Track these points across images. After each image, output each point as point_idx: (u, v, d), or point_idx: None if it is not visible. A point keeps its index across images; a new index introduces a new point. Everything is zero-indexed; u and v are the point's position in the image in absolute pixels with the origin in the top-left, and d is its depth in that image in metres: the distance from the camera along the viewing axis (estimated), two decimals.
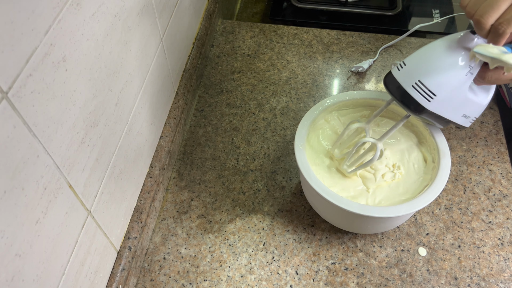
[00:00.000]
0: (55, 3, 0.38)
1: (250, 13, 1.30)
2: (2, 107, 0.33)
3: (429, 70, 0.53)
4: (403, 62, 0.56)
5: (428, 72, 0.53)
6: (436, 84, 0.53)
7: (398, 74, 0.55)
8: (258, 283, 0.64)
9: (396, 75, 0.56)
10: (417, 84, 0.53)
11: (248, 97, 0.87)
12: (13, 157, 0.35)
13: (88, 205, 0.50)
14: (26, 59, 0.35)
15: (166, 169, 0.73)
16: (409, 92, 0.54)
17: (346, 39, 0.98)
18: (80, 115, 0.45)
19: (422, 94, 0.54)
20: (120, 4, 0.51)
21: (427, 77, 0.53)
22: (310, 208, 0.71)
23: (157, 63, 0.67)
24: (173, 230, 0.70)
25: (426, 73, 0.53)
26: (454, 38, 0.53)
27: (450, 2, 1.19)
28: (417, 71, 0.54)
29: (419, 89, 0.54)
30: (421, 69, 0.54)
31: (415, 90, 0.54)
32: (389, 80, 0.57)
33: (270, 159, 0.78)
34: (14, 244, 0.37)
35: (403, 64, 0.56)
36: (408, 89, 0.54)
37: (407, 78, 0.55)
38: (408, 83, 0.54)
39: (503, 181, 0.74)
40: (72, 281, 0.48)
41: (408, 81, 0.54)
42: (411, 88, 0.54)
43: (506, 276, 0.64)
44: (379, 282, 0.64)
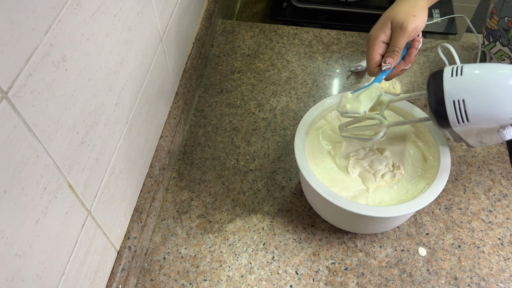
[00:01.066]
0: (55, 3, 0.38)
1: (250, 13, 1.30)
2: (2, 107, 0.33)
3: (480, 96, 0.48)
4: (461, 69, 0.49)
5: (477, 98, 0.48)
6: (477, 114, 0.48)
7: (448, 79, 0.49)
8: (258, 283, 0.64)
9: (446, 80, 0.49)
10: (459, 102, 0.48)
11: (248, 97, 0.87)
12: (13, 157, 0.35)
13: (88, 205, 0.50)
14: (26, 59, 0.35)
15: (166, 169, 0.73)
16: (446, 104, 0.49)
17: (346, 39, 0.98)
18: (80, 115, 0.45)
19: (457, 114, 0.49)
20: (120, 4, 0.51)
21: (474, 102, 0.48)
22: (310, 208, 0.71)
23: (157, 63, 0.67)
24: (173, 230, 0.70)
25: (475, 98, 0.48)
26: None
27: (450, 2, 1.19)
28: (468, 90, 0.48)
29: (457, 108, 0.49)
30: (473, 90, 0.48)
31: (452, 106, 0.49)
32: (436, 78, 0.51)
33: (270, 159, 0.78)
34: (14, 244, 0.37)
35: (459, 72, 0.49)
36: (447, 101, 0.49)
37: (453, 90, 0.49)
38: (450, 95, 0.49)
39: (503, 181, 0.74)
40: (72, 281, 0.48)
41: (453, 93, 0.49)
42: (450, 102, 0.49)
43: (506, 276, 0.64)
44: (379, 282, 0.64)
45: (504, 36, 0.78)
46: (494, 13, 0.79)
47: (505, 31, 0.77)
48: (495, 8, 0.78)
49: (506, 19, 0.76)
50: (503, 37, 0.78)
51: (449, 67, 0.50)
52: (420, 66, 0.92)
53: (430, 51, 0.95)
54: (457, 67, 0.49)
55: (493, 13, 0.79)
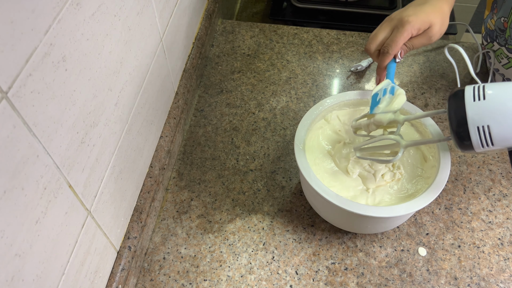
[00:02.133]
0: (55, 2, 0.38)
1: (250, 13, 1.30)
2: (2, 107, 0.33)
3: (505, 121, 0.46)
4: (484, 93, 0.47)
5: (503, 123, 0.46)
6: (503, 138, 0.46)
7: (471, 104, 0.47)
8: (258, 283, 0.64)
9: (468, 104, 0.47)
10: (483, 128, 0.47)
11: (248, 97, 0.87)
12: (13, 157, 0.35)
13: (88, 205, 0.50)
14: (26, 59, 0.35)
15: (166, 169, 0.73)
16: (470, 130, 0.47)
17: (346, 39, 0.98)
18: (80, 115, 0.45)
19: (481, 140, 0.47)
20: (120, 4, 0.51)
21: (499, 127, 0.46)
22: (310, 208, 0.71)
23: (157, 63, 0.67)
24: (173, 230, 0.70)
25: (501, 123, 0.46)
26: None
27: None
28: (492, 116, 0.46)
29: (482, 133, 0.47)
30: (498, 116, 0.46)
31: (477, 132, 0.47)
32: (457, 101, 0.49)
33: (270, 159, 0.78)
34: (14, 244, 0.37)
35: (482, 96, 0.47)
36: (471, 128, 0.47)
37: (477, 116, 0.47)
38: (475, 122, 0.47)
39: (503, 181, 0.74)
40: (72, 281, 0.48)
41: (477, 120, 0.47)
42: (474, 129, 0.47)
43: (506, 276, 0.64)
44: (379, 282, 0.64)
45: (501, 36, 0.78)
46: (495, 12, 0.79)
47: (501, 31, 0.77)
48: (496, 8, 0.78)
49: (502, 19, 0.76)
50: (499, 37, 0.78)
51: (470, 88, 0.48)
52: (420, 66, 0.92)
53: (430, 51, 0.95)
54: (478, 89, 0.47)
55: (494, 13, 0.79)
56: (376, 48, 0.67)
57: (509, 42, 0.76)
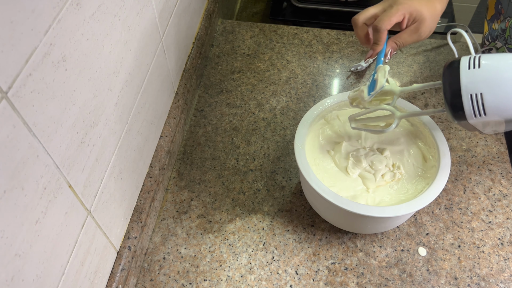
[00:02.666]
0: (55, 2, 0.38)
1: (250, 13, 1.30)
2: (2, 107, 0.33)
3: (499, 89, 0.46)
4: (479, 61, 0.47)
5: (496, 92, 0.46)
6: (495, 107, 0.46)
7: (466, 72, 0.47)
8: (258, 283, 0.64)
9: (463, 73, 0.47)
10: (476, 96, 0.46)
11: (248, 97, 0.87)
12: (12, 157, 0.35)
13: (88, 205, 0.50)
14: (25, 59, 0.35)
15: (166, 169, 0.73)
16: (463, 97, 0.47)
17: (346, 39, 0.98)
18: (80, 115, 0.45)
19: (474, 108, 0.47)
20: (120, 4, 0.51)
21: (492, 96, 0.46)
22: (310, 208, 0.71)
23: (157, 62, 0.67)
24: (173, 230, 0.70)
25: (494, 92, 0.46)
26: None
27: (450, 2, 1.19)
28: (486, 83, 0.46)
29: (474, 102, 0.47)
30: (491, 84, 0.46)
31: (469, 100, 0.47)
32: (452, 69, 0.48)
33: (270, 159, 0.78)
34: (14, 244, 0.37)
35: (477, 64, 0.47)
36: (464, 95, 0.47)
37: (470, 84, 0.47)
38: (468, 89, 0.47)
39: (503, 181, 0.74)
40: (72, 281, 0.48)
41: (471, 87, 0.47)
42: (467, 96, 0.47)
43: (506, 276, 0.64)
44: (379, 282, 0.64)
45: (501, 35, 0.78)
46: (502, 13, 0.78)
47: (502, 31, 0.77)
48: (502, 8, 0.78)
49: (508, 19, 0.76)
50: (500, 37, 0.78)
51: (466, 58, 0.48)
52: (420, 66, 0.92)
53: (430, 51, 0.95)
54: (474, 58, 0.47)
55: (500, 13, 0.79)
56: (363, 21, 0.63)
57: (509, 42, 0.76)
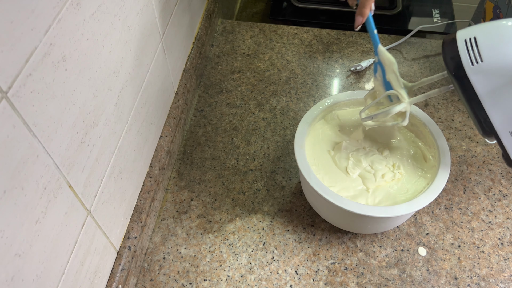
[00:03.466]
0: (55, 2, 0.38)
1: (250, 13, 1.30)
2: (2, 107, 0.33)
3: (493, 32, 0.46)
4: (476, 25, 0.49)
5: (490, 34, 0.46)
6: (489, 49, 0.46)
7: (461, 29, 0.49)
8: (258, 283, 0.64)
9: (459, 30, 0.49)
10: (470, 40, 0.47)
11: (248, 97, 0.87)
12: (12, 157, 0.35)
13: (88, 205, 0.50)
14: (25, 58, 0.35)
15: (166, 169, 0.73)
16: (458, 46, 0.48)
17: (346, 39, 0.98)
18: (80, 115, 0.45)
19: (469, 53, 0.47)
20: (120, 3, 0.51)
21: (485, 38, 0.46)
22: (310, 208, 0.71)
23: (157, 62, 0.67)
24: (173, 230, 0.70)
25: (487, 34, 0.46)
26: None
27: (450, 2, 1.19)
28: (480, 28, 0.47)
29: (469, 46, 0.47)
30: (485, 27, 0.47)
31: (465, 45, 0.47)
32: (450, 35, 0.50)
33: (270, 159, 0.78)
34: (13, 244, 0.37)
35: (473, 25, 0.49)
36: (459, 43, 0.48)
37: (465, 31, 0.48)
38: (463, 36, 0.48)
39: (503, 181, 0.74)
40: (72, 281, 0.48)
41: (465, 33, 0.48)
42: (463, 43, 0.47)
43: (506, 276, 0.64)
44: (379, 282, 0.64)
45: None
46: (500, 17, 0.78)
47: None
48: (501, 12, 0.78)
49: None
50: None
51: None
52: (420, 66, 0.92)
53: (430, 51, 0.95)
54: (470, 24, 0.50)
55: (499, 18, 0.79)
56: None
57: None
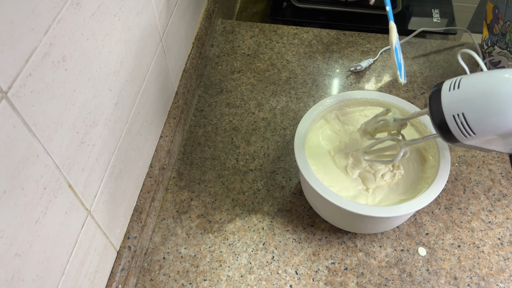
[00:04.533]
0: (55, 2, 0.38)
1: (250, 13, 1.30)
2: (2, 107, 0.33)
3: (479, 107, 0.45)
4: (459, 82, 0.47)
5: (477, 109, 0.45)
6: (481, 125, 0.46)
7: (447, 95, 0.48)
8: (258, 283, 0.64)
9: (444, 95, 0.48)
10: (458, 116, 0.46)
11: (248, 97, 0.87)
12: (12, 157, 0.35)
13: (88, 205, 0.50)
14: (25, 58, 0.35)
15: (165, 168, 0.73)
16: (447, 120, 0.47)
17: (346, 39, 0.98)
18: (79, 115, 0.45)
19: (460, 129, 0.47)
20: (120, 3, 0.51)
21: (474, 114, 0.46)
22: (310, 208, 0.71)
23: (157, 62, 0.67)
24: (173, 230, 0.70)
25: (475, 110, 0.45)
26: None
27: (450, 2, 1.19)
28: (465, 102, 0.46)
29: (459, 122, 0.47)
30: (471, 101, 0.46)
31: (454, 121, 0.47)
32: (435, 94, 0.49)
33: (270, 159, 0.78)
34: (13, 244, 0.37)
35: (457, 85, 0.47)
36: (447, 117, 0.47)
37: (452, 105, 0.47)
38: (449, 110, 0.47)
39: (503, 181, 0.74)
40: (72, 280, 0.48)
41: (452, 108, 0.47)
42: (451, 118, 0.47)
43: (505, 276, 0.64)
44: (379, 282, 0.64)
45: (501, 40, 0.78)
46: (499, 17, 0.78)
47: (503, 35, 0.77)
48: (499, 13, 0.78)
49: (508, 23, 0.76)
50: (500, 41, 0.78)
51: (449, 81, 0.49)
52: (419, 66, 0.92)
53: (430, 51, 0.95)
54: (455, 81, 0.48)
55: (498, 18, 0.79)
56: None
57: (510, 46, 0.76)
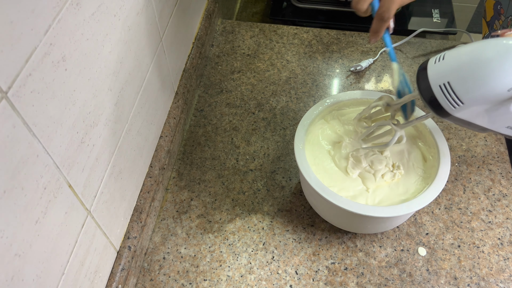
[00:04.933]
0: (55, 2, 0.38)
1: (250, 13, 1.30)
2: (2, 107, 0.33)
3: (464, 73, 0.45)
4: (444, 54, 0.48)
5: (462, 77, 0.45)
6: (467, 93, 0.46)
7: (432, 67, 0.48)
8: (258, 282, 0.64)
9: (430, 68, 0.48)
10: (444, 85, 0.46)
11: (248, 97, 0.87)
12: (12, 156, 0.35)
13: (88, 204, 0.50)
14: (25, 58, 0.35)
15: (165, 168, 0.73)
16: (434, 91, 0.47)
17: (345, 39, 0.98)
18: (79, 114, 0.45)
19: (448, 99, 0.47)
20: (120, 3, 0.51)
21: (459, 82, 0.46)
22: (309, 208, 0.71)
23: (157, 62, 0.67)
24: (173, 230, 0.70)
25: (459, 76, 0.46)
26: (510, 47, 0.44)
27: (450, 2, 1.20)
28: (450, 71, 0.46)
29: (445, 91, 0.47)
30: (456, 69, 0.46)
31: (441, 91, 0.47)
32: (421, 71, 0.49)
33: (269, 159, 0.78)
34: (13, 244, 0.37)
35: (442, 58, 0.48)
36: (434, 88, 0.47)
37: (437, 76, 0.47)
38: (435, 81, 0.47)
39: (503, 181, 0.74)
40: (72, 280, 0.48)
41: (437, 78, 0.47)
42: (438, 88, 0.47)
43: (505, 276, 0.64)
44: (379, 282, 0.64)
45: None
46: (501, 13, 0.79)
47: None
48: (502, 8, 0.78)
49: (510, 18, 0.76)
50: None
51: (434, 57, 0.49)
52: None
53: (430, 51, 0.95)
54: (440, 55, 0.48)
55: (500, 14, 0.79)
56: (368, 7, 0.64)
57: None
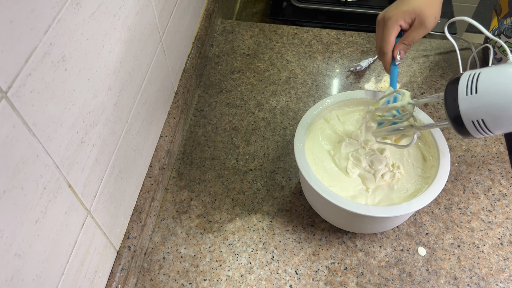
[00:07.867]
0: (55, 2, 0.38)
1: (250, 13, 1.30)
2: (2, 107, 0.33)
3: (499, 112, 0.45)
4: (476, 86, 0.46)
5: (496, 115, 0.45)
6: (499, 128, 0.46)
7: (463, 99, 0.47)
8: (258, 282, 0.64)
9: (461, 99, 0.47)
10: (478, 122, 0.46)
11: (248, 96, 0.87)
12: (12, 156, 0.35)
13: (88, 204, 0.50)
14: (25, 58, 0.35)
15: (165, 168, 0.73)
16: (465, 124, 0.47)
17: (345, 38, 0.98)
18: (79, 114, 0.45)
19: (478, 130, 0.47)
20: (120, 3, 0.51)
21: (494, 121, 0.46)
22: (309, 208, 0.71)
23: (157, 62, 0.67)
24: (173, 230, 0.70)
25: (494, 115, 0.45)
26: None
27: (450, 2, 1.19)
28: (485, 109, 0.46)
29: (477, 126, 0.47)
30: (490, 107, 0.45)
31: (472, 124, 0.47)
32: (451, 94, 0.48)
33: (269, 159, 0.78)
34: (13, 244, 0.37)
35: (474, 90, 0.46)
36: (465, 122, 0.47)
37: (470, 111, 0.46)
38: (468, 116, 0.47)
39: (503, 181, 0.74)
40: (72, 280, 0.48)
41: (471, 114, 0.47)
42: (469, 123, 0.47)
43: (505, 276, 0.64)
44: (379, 282, 0.64)
45: (509, 29, 0.78)
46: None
47: None
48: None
49: None
50: (508, 30, 0.79)
51: (465, 79, 0.47)
52: (419, 66, 0.92)
53: (429, 51, 0.95)
54: (472, 85, 0.46)
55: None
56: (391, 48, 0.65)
57: None
